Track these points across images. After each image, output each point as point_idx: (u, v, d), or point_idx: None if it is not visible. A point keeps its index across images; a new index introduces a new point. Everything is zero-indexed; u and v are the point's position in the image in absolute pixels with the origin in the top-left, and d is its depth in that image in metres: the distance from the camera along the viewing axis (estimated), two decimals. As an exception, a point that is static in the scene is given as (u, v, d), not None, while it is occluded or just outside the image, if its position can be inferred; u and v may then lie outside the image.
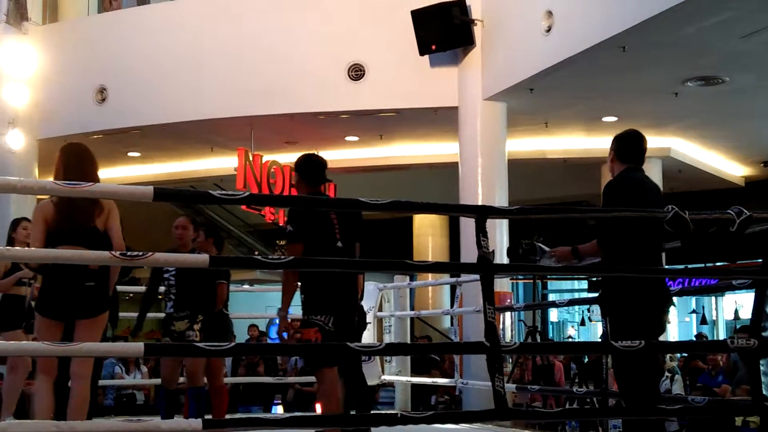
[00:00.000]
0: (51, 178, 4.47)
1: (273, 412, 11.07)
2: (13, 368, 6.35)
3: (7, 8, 12.27)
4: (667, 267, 4.50)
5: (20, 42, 12.39)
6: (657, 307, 4.43)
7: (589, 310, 16.92)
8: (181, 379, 6.56)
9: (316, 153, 5.44)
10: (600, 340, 7.22)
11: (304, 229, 4.99)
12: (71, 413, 4.49)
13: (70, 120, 12.14)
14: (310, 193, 5.17)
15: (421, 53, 10.36)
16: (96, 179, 4.66)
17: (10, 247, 4.45)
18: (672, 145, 12.42)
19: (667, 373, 9.62)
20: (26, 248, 4.53)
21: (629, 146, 4.68)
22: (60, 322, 4.56)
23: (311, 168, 5.27)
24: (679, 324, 18.52)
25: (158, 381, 6.68)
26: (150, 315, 6.75)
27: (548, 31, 9.13)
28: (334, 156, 13.45)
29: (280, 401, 11.40)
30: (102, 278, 4.59)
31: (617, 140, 4.71)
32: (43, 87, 12.41)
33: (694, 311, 18.72)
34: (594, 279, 11.13)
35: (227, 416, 8.16)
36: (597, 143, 12.46)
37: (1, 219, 12.41)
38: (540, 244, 4.80)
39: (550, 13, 9.11)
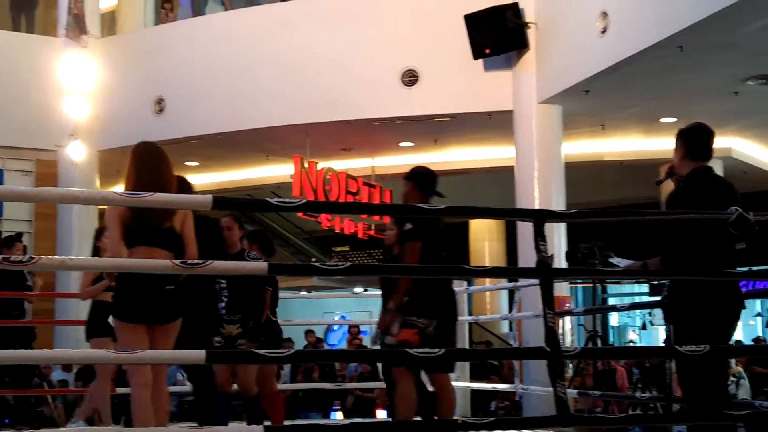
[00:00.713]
0: (122, 180, 4.44)
1: (332, 418, 11.09)
2: (98, 374, 6.45)
3: (66, 23, 12.54)
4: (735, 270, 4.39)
5: (80, 55, 12.65)
6: (728, 312, 4.33)
7: (650, 314, 16.68)
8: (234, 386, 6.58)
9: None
10: (663, 344, 7.10)
11: (423, 229, 4.94)
12: (160, 418, 4.39)
13: (129, 131, 12.33)
14: (420, 203, 5.10)
15: (475, 57, 10.32)
16: (170, 179, 4.56)
17: (73, 257, 4.50)
18: (733, 145, 12.18)
19: (732, 378, 9.43)
20: (90, 257, 4.55)
21: (701, 142, 4.54)
22: (141, 324, 4.42)
23: (427, 179, 5.27)
24: (743, 327, 18.16)
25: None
26: None
27: (603, 32, 9.03)
28: (389, 162, 13.48)
29: (339, 407, 11.42)
30: (181, 282, 4.46)
31: (687, 135, 4.55)
32: (103, 99, 12.66)
33: (759, 314, 18.33)
34: (655, 282, 10.95)
35: (286, 423, 8.21)
36: (655, 144, 12.29)
37: (66, 229, 12.72)
38: (613, 260, 4.73)
39: (605, 14, 9.00)
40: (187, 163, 13.67)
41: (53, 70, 12.69)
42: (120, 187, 13.51)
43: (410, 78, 11.01)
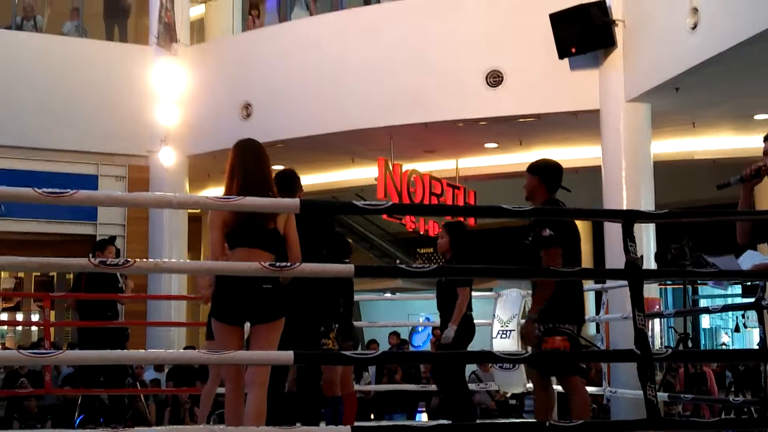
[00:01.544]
0: (212, 184, 4.51)
1: (417, 419, 11.10)
2: (210, 376, 6.58)
3: (157, 31, 12.88)
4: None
5: (170, 63, 12.98)
6: None
7: (743, 315, 16.21)
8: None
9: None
10: (757, 346, 6.91)
11: (562, 234, 4.91)
12: (250, 422, 4.31)
13: (218, 136, 12.60)
14: (546, 199, 5.07)
15: (561, 57, 10.21)
16: (269, 177, 4.55)
17: (166, 260, 4.61)
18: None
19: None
20: (182, 261, 4.64)
21: None
22: (236, 326, 4.38)
23: (553, 173, 5.17)
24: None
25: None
26: None
27: (694, 28, 8.83)
28: (473, 163, 13.44)
29: (424, 409, 11.42)
30: (278, 281, 4.34)
31: None
32: (192, 105, 12.97)
33: None
34: (749, 283, 10.65)
35: (373, 423, 8.26)
36: (748, 142, 11.95)
37: (158, 232, 13.06)
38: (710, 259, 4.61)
39: (695, 10, 8.80)
40: (274, 167, 13.86)
41: (145, 78, 13.07)
42: (211, 191, 13.82)
43: (495, 78, 10.96)
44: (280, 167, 15.39)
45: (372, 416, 10.90)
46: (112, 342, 8.01)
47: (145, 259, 3.71)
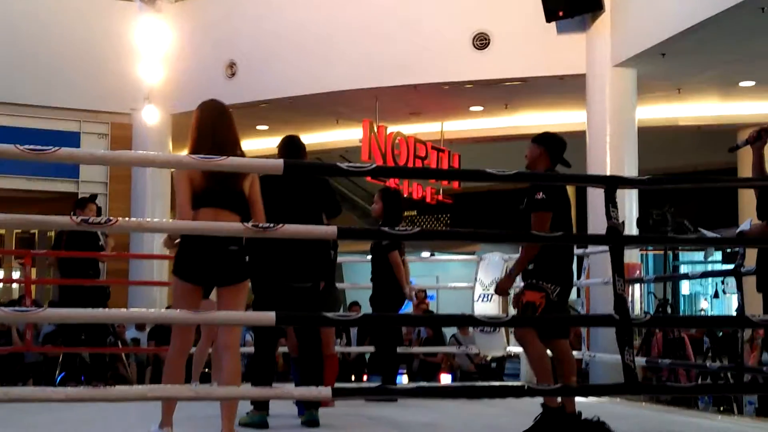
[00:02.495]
0: (189, 138, 4.42)
1: (398, 382, 11.19)
2: (202, 336, 6.61)
3: (141, -13, 12.73)
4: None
5: (154, 20, 12.84)
6: None
7: (723, 282, 16.35)
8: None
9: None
10: (735, 313, 6.98)
11: (554, 199, 4.92)
12: (225, 384, 4.31)
13: (201, 95, 12.24)
14: (547, 170, 5.07)
15: (548, 20, 10.16)
16: (238, 137, 4.48)
17: (149, 219, 4.57)
18: (813, 110, 11.84)
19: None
20: (164, 220, 4.59)
21: None
22: (199, 286, 4.33)
23: (559, 146, 5.15)
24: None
25: (284, 349, 6.83)
26: None
27: (681, -7, 8.80)
28: (459, 126, 13.41)
29: (405, 371, 11.51)
30: (245, 243, 4.35)
31: None
32: (176, 63, 12.85)
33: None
34: (729, 250, 10.75)
35: (354, 385, 8.32)
36: (733, 109, 11.99)
37: (141, 191, 13.01)
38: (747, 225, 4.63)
39: (683, -25, 8.77)
40: (258, 127, 13.81)
41: (128, 35, 12.92)
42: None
43: (481, 41, 10.90)
44: (264, 127, 15.41)
45: (353, 377, 10.98)
46: (93, 300, 7.99)
47: (127, 218, 3.68)
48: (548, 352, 5.00)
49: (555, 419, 4.79)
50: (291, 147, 5.54)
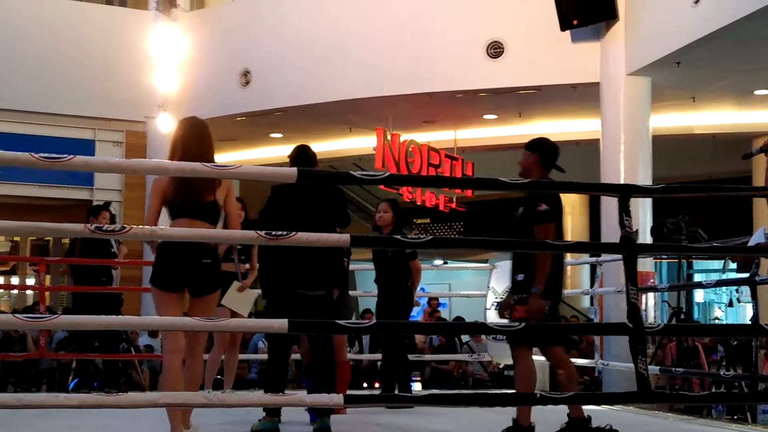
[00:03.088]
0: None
1: (411, 389, 11.16)
2: (216, 342, 6.65)
3: (157, -4, 12.81)
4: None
5: (169, 28, 12.91)
6: None
7: (737, 290, 16.26)
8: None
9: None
10: (750, 322, 6.94)
11: (556, 210, 4.90)
12: (185, 390, 4.45)
13: (216, 103, 12.56)
14: (540, 177, 5.04)
15: (563, 29, 10.16)
16: (206, 151, 4.57)
17: (163, 227, 4.58)
18: (830, 118, 11.79)
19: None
20: (178, 228, 4.60)
21: None
22: (175, 293, 4.50)
23: (551, 152, 5.14)
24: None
25: (297, 356, 6.84)
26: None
27: (696, 2, 8.78)
28: (472, 134, 13.42)
29: (418, 378, 11.50)
30: (217, 256, 4.54)
31: None
32: (191, 71, 12.91)
33: None
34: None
35: (366, 392, 8.31)
36: (748, 117, 11.94)
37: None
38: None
39: (697, -16, 8.76)
40: (272, 135, 13.85)
41: (143, 43, 12.99)
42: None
43: (495, 50, 10.91)
44: (278, 135, 15.47)
45: (365, 385, 10.97)
46: (107, 307, 8.02)
47: (141, 226, 3.72)
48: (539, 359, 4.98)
49: (581, 430, 4.79)
50: (303, 156, 5.55)
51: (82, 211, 10.37)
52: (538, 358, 5.05)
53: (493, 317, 8.44)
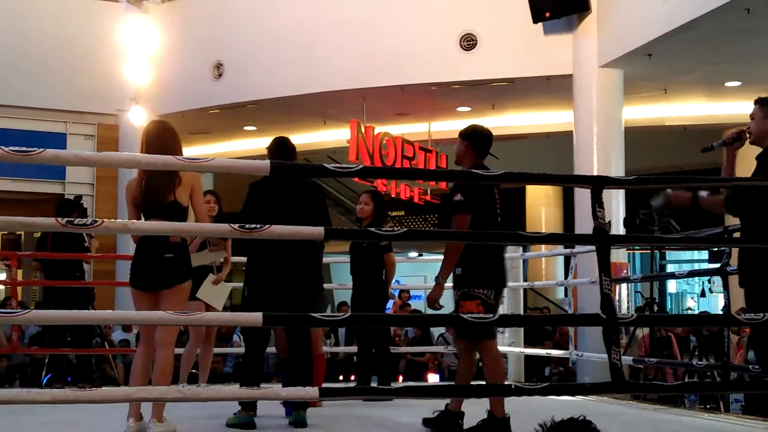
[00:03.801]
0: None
1: (392, 381, 11.16)
2: (191, 336, 6.63)
3: (128, -12, 12.70)
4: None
5: (141, 20, 12.80)
6: None
7: (709, 281, 16.43)
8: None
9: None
10: (721, 312, 7.01)
11: (473, 200, 4.88)
12: (155, 380, 4.61)
13: (188, 96, 12.49)
14: (474, 164, 5.04)
15: (535, 21, 10.19)
16: (170, 152, 4.59)
17: (135, 220, 4.57)
18: (799, 110, 11.90)
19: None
20: (152, 222, 4.59)
21: None
22: (148, 292, 4.66)
23: (483, 139, 5.13)
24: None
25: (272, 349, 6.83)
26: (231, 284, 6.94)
27: (667, -6, 8.84)
28: (446, 127, 13.42)
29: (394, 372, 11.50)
30: (181, 250, 4.67)
31: None
32: (163, 64, 12.81)
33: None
34: (715, 249, 10.78)
35: (342, 385, 8.31)
36: (719, 109, 12.04)
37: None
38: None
39: (669, -24, 8.81)
40: (245, 128, 13.79)
41: (115, 36, 12.88)
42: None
43: (469, 42, 10.92)
44: (252, 128, 15.38)
45: (341, 377, 10.97)
46: (78, 302, 7.97)
47: (113, 220, 3.68)
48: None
49: (497, 429, 4.81)
50: (281, 149, 5.51)
51: (54, 205, 10.29)
52: (535, 350, 5.04)
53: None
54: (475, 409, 4.94)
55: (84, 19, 13.05)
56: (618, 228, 9.33)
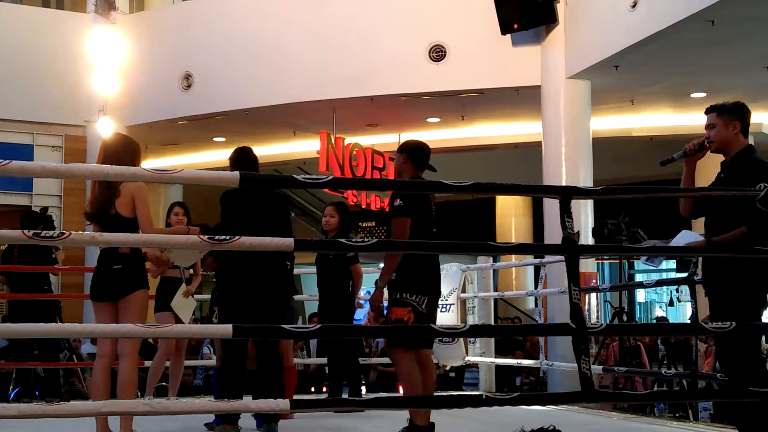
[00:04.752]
0: (150, 156, 4.56)
1: (361, 392, 11.13)
2: (160, 348, 6.59)
3: (95, -1, 12.61)
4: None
5: (109, 31, 12.72)
6: (763, 287, 4.34)
7: (677, 290, 16.59)
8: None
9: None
10: (689, 320, 7.08)
11: (413, 205, 4.96)
12: (119, 391, 4.62)
13: (157, 107, 12.42)
14: (413, 176, 5.13)
15: (503, 32, 10.25)
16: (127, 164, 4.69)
17: (102, 233, 4.53)
18: (764, 120, 12.04)
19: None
20: (119, 234, 4.55)
21: (749, 120, 4.56)
22: (103, 302, 4.72)
23: (420, 153, 5.24)
24: None
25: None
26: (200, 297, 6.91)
27: (634, 6, 8.93)
28: (416, 137, 13.44)
29: (363, 382, 11.48)
30: (131, 261, 4.70)
31: (743, 112, 4.52)
32: (131, 75, 12.73)
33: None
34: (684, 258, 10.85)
35: (313, 396, 8.28)
36: (685, 120, 12.17)
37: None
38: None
39: (635, -12, 8.91)
40: (215, 139, 13.73)
41: (82, 46, 12.78)
42: (150, 163, 13.61)
43: (438, 53, 10.97)
44: (221, 139, 15.30)
45: (313, 389, 10.93)
46: (45, 315, 7.89)
47: (80, 232, 3.65)
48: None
49: None
50: (243, 159, 5.50)
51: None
52: (506, 360, 5.06)
53: (439, 319, 8.47)
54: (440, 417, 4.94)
55: (51, 29, 12.94)
56: (587, 238, 9.40)
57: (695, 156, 4.62)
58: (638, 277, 16.67)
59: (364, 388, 11.11)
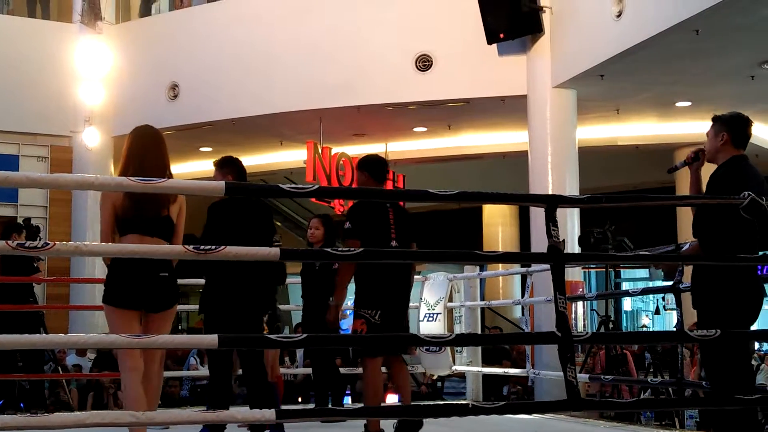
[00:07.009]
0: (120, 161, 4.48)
1: (345, 402, 11.11)
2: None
3: (81, 8, 12.58)
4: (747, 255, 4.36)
5: (95, 41, 12.69)
6: (752, 298, 4.36)
7: (663, 298, 16.64)
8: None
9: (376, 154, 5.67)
10: (675, 329, 7.10)
11: (362, 227, 5.21)
12: (155, 400, 4.52)
13: (143, 117, 12.25)
14: None
15: (489, 42, 10.28)
16: (165, 163, 4.52)
17: (87, 243, 4.52)
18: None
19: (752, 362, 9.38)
20: (104, 243, 4.50)
21: (745, 131, 4.57)
22: (135, 311, 4.35)
23: (379, 166, 5.53)
24: (763, 312, 18.03)
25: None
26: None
27: (619, 16, 8.98)
28: (403, 147, 13.48)
29: (350, 392, 11.45)
30: (173, 269, 4.45)
31: (733, 123, 4.55)
32: (117, 85, 12.70)
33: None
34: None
35: (300, 407, 8.26)
36: (670, 129, 12.23)
37: (81, 214, 12.79)
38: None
39: (620, -2, 8.97)
40: (201, 149, 13.71)
41: (68, 57, 12.74)
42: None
43: (424, 63, 10.99)
44: (208, 149, 15.28)
45: (300, 399, 10.89)
46: (29, 326, 7.85)
47: (65, 242, 3.62)
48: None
49: None
50: (229, 166, 5.50)
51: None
52: (492, 369, 5.12)
53: (426, 329, 8.48)
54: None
55: (37, 39, 12.89)
56: (573, 247, 9.42)
57: (693, 165, 4.68)
58: (624, 286, 16.74)
59: (350, 398, 11.12)
